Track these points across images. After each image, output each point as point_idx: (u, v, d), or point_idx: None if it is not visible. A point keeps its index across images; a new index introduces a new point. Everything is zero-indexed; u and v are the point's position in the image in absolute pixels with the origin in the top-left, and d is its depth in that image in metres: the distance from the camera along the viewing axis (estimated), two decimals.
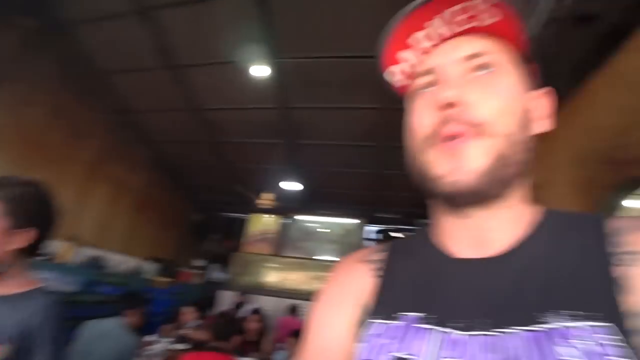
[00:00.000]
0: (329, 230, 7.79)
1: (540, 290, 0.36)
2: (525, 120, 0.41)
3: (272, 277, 7.33)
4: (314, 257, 7.52)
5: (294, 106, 4.37)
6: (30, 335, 0.88)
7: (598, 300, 0.34)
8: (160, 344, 2.90)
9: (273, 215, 6.76)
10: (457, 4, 0.39)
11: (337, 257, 7.40)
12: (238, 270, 7.32)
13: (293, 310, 4.97)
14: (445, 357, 0.36)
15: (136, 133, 5.62)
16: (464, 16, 0.40)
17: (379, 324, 0.43)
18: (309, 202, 8.09)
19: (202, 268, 8.68)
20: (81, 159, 4.88)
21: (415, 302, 0.42)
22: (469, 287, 0.40)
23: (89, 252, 4.68)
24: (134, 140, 5.75)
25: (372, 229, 7.92)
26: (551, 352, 0.32)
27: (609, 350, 0.31)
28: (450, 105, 0.39)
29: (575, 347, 0.31)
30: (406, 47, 0.43)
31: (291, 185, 6.40)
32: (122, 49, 3.98)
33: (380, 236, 7.71)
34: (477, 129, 0.39)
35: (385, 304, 0.44)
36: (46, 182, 1.10)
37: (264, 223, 7.70)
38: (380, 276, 0.48)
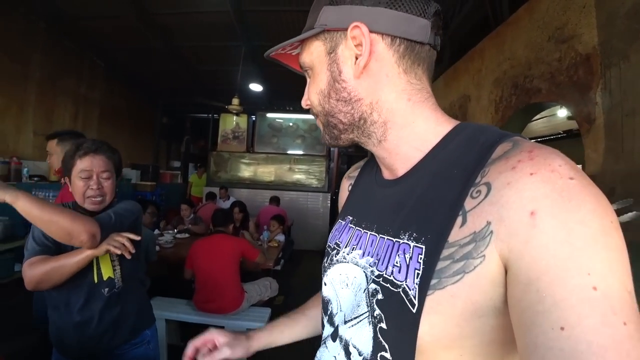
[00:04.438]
0: (296, 126, 8.14)
1: (407, 213, 0.45)
2: (330, 86, 0.49)
3: (247, 172, 7.98)
4: (284, 152, 8.02)
5: (248, 9, 4.32)
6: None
7: (433, 228, 0.40)
8: (167, 235, 3.60)
9: (241, 115, 6.96)
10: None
11: (305, 150, 8.00)
12: (215, 168, 7.89)
13: (274, 200, 5.71)
14: (352, 244, 0.52)
15: (83, 43, 5.33)
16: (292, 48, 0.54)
17: (339, 222, 0.61)
18: (274, 101, 8.28)
19: (180, 168, 9.20)
20: (32, 77, 4.72)
21: (353, 210, 0.58)
22: (375, 201, 0.53)
23: None
24: (84, 50, 5.48)
25: None
26: (392, 257, 0.43)
27: (413, 264, 0.40)
28: None
29: (403, 257, 0.42)
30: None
31: (254, 86, 6.53)
32: None
33: None
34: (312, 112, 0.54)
35: (345, 210, 0.61)
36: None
37: (234, 122, 7.92)
38: (349, 190, 0.65)
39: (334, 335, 0.51)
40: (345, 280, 0.51)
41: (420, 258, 0.40)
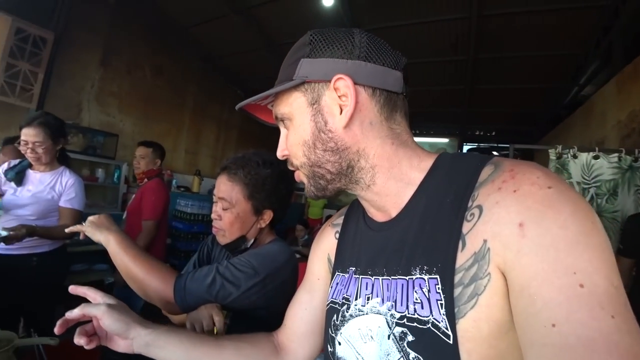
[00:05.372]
0: None
1: (411, 249, 0.46)
2: (315, 137, 0.50)
3: None
4: None
5: (367, 27, 4.21)
6: None
7: (440, 256, 0.42)
8: None
9: None
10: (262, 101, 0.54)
11: None
12: None
13: None
14: (365, 294, 0.51)
15: (226, 76, 6.15)
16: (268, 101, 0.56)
17: (339, 275, 0.59)
18: None
19: (302, 189, 9.70)
20: (187, 106, 5.70)
21: (353, 259, 0.57)
22: (375, 245, 0.53)
23: (210, 182, 5.69)
24: (226, 82, 6.33)
25: (467, 147, 7.57)
26: (410, 294, 0.43)
27: (433, 295, 0.41)
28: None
29: (421, 292, 0.42)
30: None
31: None
32: (195, 3, 4.24)
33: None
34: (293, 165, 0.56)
35: (342, 260, 0.60)
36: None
37: None
38: (337, 238, 0.64)
39: None
40: (368, 333, 0.48)
41: (438, 288, 0.41)
